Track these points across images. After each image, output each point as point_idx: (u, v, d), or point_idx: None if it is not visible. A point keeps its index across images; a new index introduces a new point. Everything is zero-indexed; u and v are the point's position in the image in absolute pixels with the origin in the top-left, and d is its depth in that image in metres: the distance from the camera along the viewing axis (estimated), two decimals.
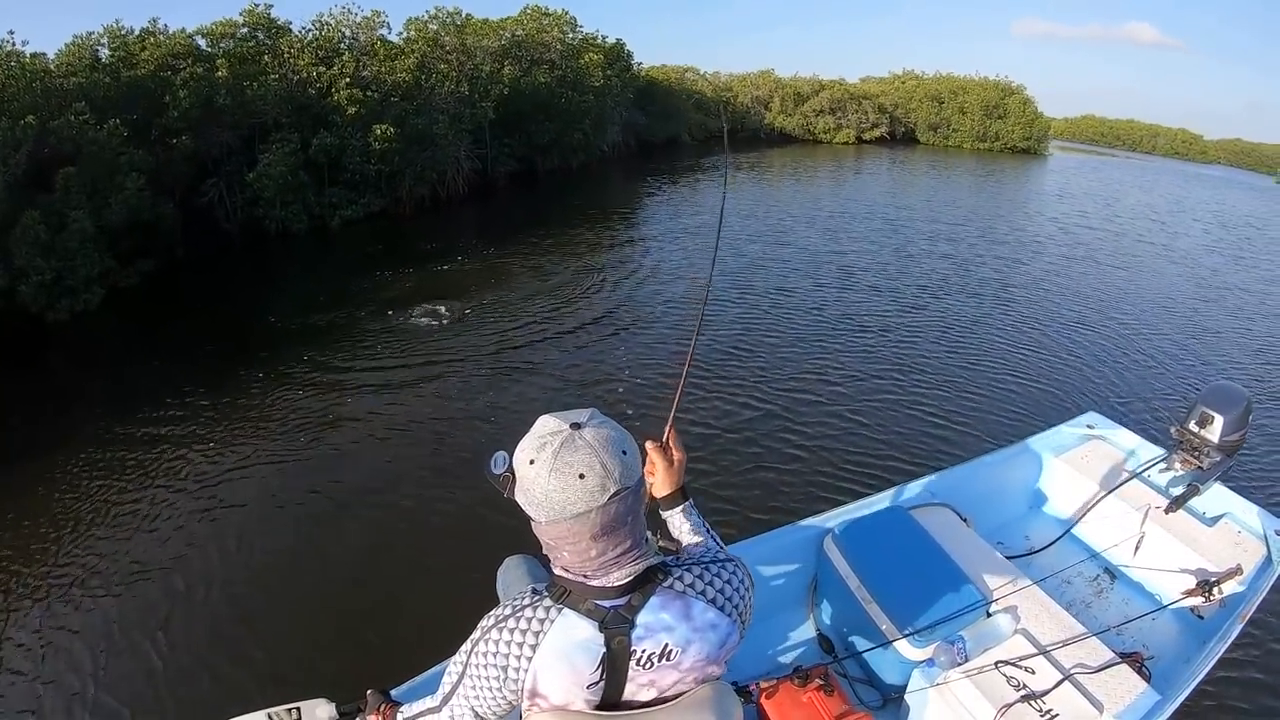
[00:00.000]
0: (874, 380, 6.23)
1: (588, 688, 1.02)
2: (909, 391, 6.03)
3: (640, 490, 1.02)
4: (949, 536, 2.74)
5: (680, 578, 1.06)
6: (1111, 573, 3.19)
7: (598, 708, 1.05)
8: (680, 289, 8.39)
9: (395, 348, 6.33)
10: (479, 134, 13.96)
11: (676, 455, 1.42)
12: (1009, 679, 2.17)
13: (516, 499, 1.00)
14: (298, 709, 1.62)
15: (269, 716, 1.62)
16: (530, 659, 1.00)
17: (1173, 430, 3.11)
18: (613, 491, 0.95)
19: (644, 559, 1.03)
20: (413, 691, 1.90)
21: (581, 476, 0.93)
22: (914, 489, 3.14)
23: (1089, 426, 3.74)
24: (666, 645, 1.03)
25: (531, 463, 0.96)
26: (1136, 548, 3.10)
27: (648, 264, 9.47)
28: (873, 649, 2.39)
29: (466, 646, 1.06)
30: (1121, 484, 3.19)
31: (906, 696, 2.26)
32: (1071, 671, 2.19)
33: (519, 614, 1.03)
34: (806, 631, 2.85)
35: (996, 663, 2.21)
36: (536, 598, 1.04)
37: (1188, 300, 9.96)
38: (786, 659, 2.69)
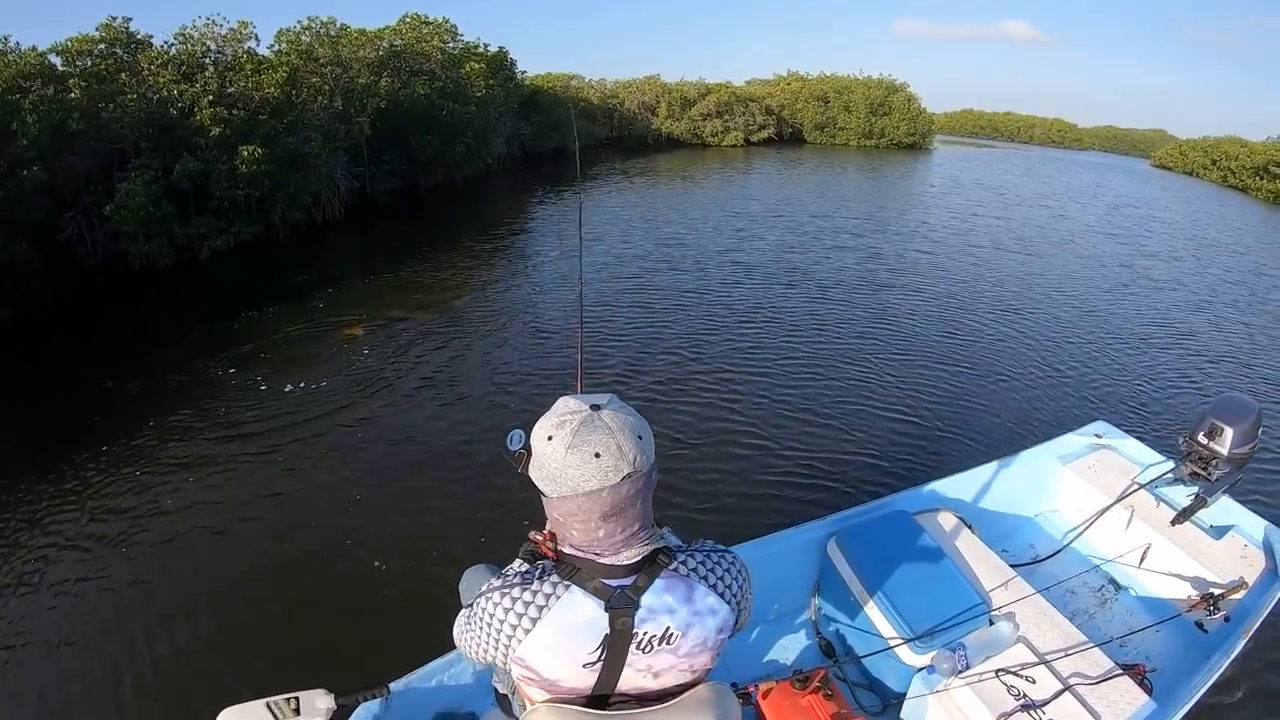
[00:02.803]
0: (875, 387, 6.43)
1: (584, 666, 1.03)
2: (911, 398, 6.19)
3: (652, 476, 1.05)
4: (952, 542, 2.75)
5: (685, 561, 1.09)
6: (1116, 583, 3.17)
7: (594, 695, 1.06)
8: (578, 294, 8.86)
9: (272, 389, 6.44)
10: (356, 151, 13.99)
11: None
12: (1009, 688, 2.17)
13: (530, 474, 1.04)
14: (296, 699, 1.67)
15: (268, 706, 1.66)
16: (529, 631, 1.02)
17: (1181, 441, 3.08)
18: (626, 473, 0.98)
19: (653, 541, 1.07)
20: (411, 686, 2.01)
21: (597, 455, 0.97)
22: (918, 493, 3.15)
23: (1097, 435, 3.72)
24: (668, 628, 1.05)
25: (549, 439, 1.00)
26: (1142, 558, 3.11)
27: (536, 276, 10.07)
28: (873, 654, 2.41)
29: (477, 599, 1.09)
30: (1128, 494, 3.18)
31: (906, 703, 2.28)
32: (1072, 682, 2.19)
33: (526, 584, 1.04)
34: (807, 634, 2.88)
35: (997, 671, 2.21)
36: (544, 572, 1.05)
37: (1192, 306, 10.34)
38: (786, 661, 2.74)
